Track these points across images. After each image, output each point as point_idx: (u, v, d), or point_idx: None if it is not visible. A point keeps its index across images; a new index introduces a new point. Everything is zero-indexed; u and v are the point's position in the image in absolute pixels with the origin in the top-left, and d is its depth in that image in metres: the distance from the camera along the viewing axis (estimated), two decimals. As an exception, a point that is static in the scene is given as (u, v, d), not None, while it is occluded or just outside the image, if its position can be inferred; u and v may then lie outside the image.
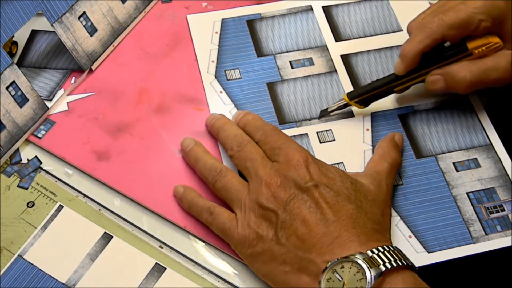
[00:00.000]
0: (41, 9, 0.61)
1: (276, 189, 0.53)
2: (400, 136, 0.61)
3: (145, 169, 0.60)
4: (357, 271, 0.47)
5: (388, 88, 0.61)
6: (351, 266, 0.47)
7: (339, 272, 0.47)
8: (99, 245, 0.57)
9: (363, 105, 0.62)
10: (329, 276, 0.48)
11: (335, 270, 0.48)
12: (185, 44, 0.68)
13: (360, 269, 0.47)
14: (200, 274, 0.56)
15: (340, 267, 0.48)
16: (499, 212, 0.58)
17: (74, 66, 0.65)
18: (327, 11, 0.70)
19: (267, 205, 0.52)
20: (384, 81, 0.61)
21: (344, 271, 0.47)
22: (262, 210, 0.53)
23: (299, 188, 0.52)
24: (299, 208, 0.51)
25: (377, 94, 0.62)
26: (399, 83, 0.61)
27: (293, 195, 0.52)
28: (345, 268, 0.47)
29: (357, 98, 0.62)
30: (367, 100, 0.62)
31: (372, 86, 0.61)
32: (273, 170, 0.54)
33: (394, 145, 0.59)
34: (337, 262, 0.48)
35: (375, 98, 0.62)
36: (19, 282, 0.55)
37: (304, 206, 0.51)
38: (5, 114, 0.59)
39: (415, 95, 0.65)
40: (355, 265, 0.47)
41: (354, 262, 0.47)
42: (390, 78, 0.61)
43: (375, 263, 0.47)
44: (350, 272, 0.47)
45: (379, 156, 0.58)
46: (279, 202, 0.52)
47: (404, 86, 0.61)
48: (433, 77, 0.60)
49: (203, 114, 0.63)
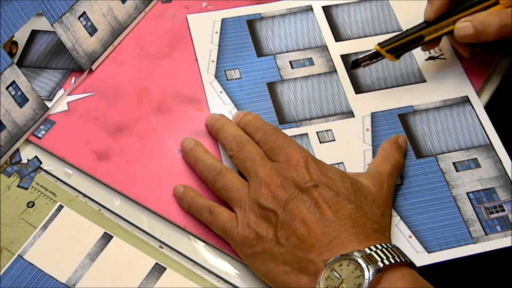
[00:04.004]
0: (41, 9, 0.61)
1: (275, 189, 0.53)
2: (404, 139, 0.61)
3: (145, 169, 0.60)
4: (355, 268, 0.47)
5: (418, 36, 0.62)
6: (349, 264, 0.47)
7: (337, 270, 0.47)
8: (99, 245, 0.57)
9: (395, 55, 0.63)
10: (327, 274, 0.48)
11: (334, 268, 0.48)
12: (185, 44, 0.68)
13: (358, 266, 0.47)
14: (200, 274, 0.56)
15: (338, 265, 0.48)
16: (499, 212, 0.58)
17: (74, 66, 0.65)
18: (327, 11, 0.70)
19: (266, 205, 0.52)
20: (415, 29, 0.62)
21: (343, 269, 0.47)
22: (261, 210, 0.53)
23: (298, 188, 0.52)
24: (298, 208, 0.51)
25: (408, 42, 0.62)
26: (429, 31, 0.62)
27: (292, 195, 0.52)
28: (343, 266, 0.47)
29: (388, 46, 0.62)
30: (398, 49, 0.62)
31: (403, 34, 0.62)
32: (272, 170, 0.54)
33: (398, 147, 0.59)
34: (335, 260, 0.48)
35: (406, 47, 0.62)
36: (19, 282, 0.55)
37: (304, 206, 0.51)
38: (5, 114, 0.59)
39: (415, 95, 0.65)
40: (353, 263, 0.47)
41: (352, 260, 0.47)
42: (421, 26, 0.62)
43: (373, 260, 0.47)
44: (349, 270, 0.47)
45: (382, 157, 0.58)
46: (278, 202, 0.52)
47: (434, 35, 0.62)
48: (463, 23, 0.60)
49: (203, 114, 0.63)
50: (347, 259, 0.48)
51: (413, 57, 0.67)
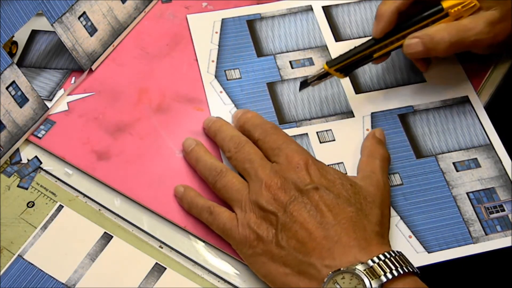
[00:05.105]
0: (41, 9, 0.61)
1: (276, 191, 0.53)
2: (381, 131, 0.61)
3: (145, 169, 0.60)
4: (358, 283, 0.47)
5: (367, 54, 0.60)
6: (351, 278, 0.47)
7: (339, 283, 0.47)
8: (99, 245, 0.57)
9: (344, 74, 0.61)
10: (330, 286, 0.48)
11: (336, 281, 0.48)
12: (185, 44, 0.68)
13: (361, 282, 0.47)
14: (200, 274, 0.56)
15: (341, 277, 0.48)
16: (499, 212, 0.58)
17: (74, 66, 0.65)
18: (327, 11, 0.70)
19: (267, 207, 0.52)
20: (363, 47, 0.60)
21: (345, 282, 0.47)
22: (262, 212, 0.53)
23: (299, 190, 0.52)
24: (299, 211, 0.51)
25: (356, 60, 0.60)
26: (377, 48, 0.60)
27: (293, 197, 0.52)
28: (346, 279, 0.47)
29: (336, 65, 0.60)
30: (347, 68, 0.61)
31: (351, 53, 0.60)
32: (273, 171, 0.54)
33: (377, 141, 0.59)
34: (338, 273, 0.48)
35: (355, 66, 0.61)
36: (19, 282, 0.55)
37: (304, 209, 0.51)
38: (5, 114, 0.59)
39: (415, 95, 0.65)
40: (356, 277, 0.47)
41: (355, 274, 0.47)
42: (369, 44, 0.60)
43: (376, 274, 0.47)
44: (351, 284, 0.47)
45: (367, 156, 0.58)
46: (279, 204, 0.52)
47: (383, 51, 0.60)
48: (411, 40, 0.58)
49: (203, 114, 0.63)
50: (350, 273, 0.48)
51: (413, 57, 0.67)
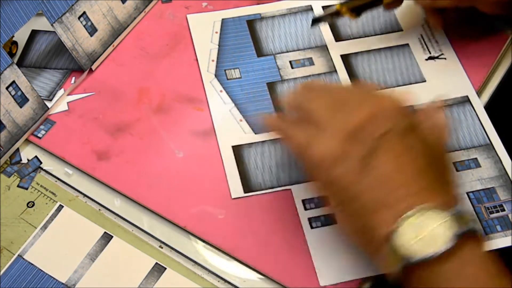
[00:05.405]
0: (41, 9, 0.61)
1: (372, 118, 0.49)
2: None
3: (145, 169, 0.60)
4: (442, 221, 0.45)
5: None
6: (436, 217, 0.45)
7: (421, 220, 0.45)
8: (99, 245, 0.57)
9: (355, 13, 0.63)
10: (411, 221, 0.45)
11: (419, 217, 0.45)
12: (185, 44, 0.68)
13: (446, 221, 0.45)
14: (200, 274, 0.56)
15: (424, 216, 0.45)
16: (499, 212, 0.58)
17: (74, 66, 0.65)
18: (327, 11, 0.70)
19: (360, 127, 0.49)
20: None
21: (429, 221, 0.45)
22: (353, 132, 0.49)
23: (397, 125, 0.49)
24: (392, 142, 0.48)
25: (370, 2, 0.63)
26: None
27: (389, 129, 0.48)
28: (431, 218, 0.45)
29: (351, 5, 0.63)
30: (359, 9, 0.63)
31: None
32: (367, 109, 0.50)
33: None
34: (423, 210, 0.45)
35: (367, 6, 0.64)
36: (19, 282, 0.55)
37: (400, 143, 0.48)
38: (5, 114, 0.59)
39: (415, 95, 0.64)
40: (443, 217, 0.45)
41: (443, 215, 0.45)
42: None
43: (464, 220, 0.46)
44: (435, 223, 0.45)
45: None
46: (374, 129, 0.49)
47: None
48: None
49: (203, 113, 0.63)
50: (436, 212, 0.45)
51: (413, 57, 0.67)
